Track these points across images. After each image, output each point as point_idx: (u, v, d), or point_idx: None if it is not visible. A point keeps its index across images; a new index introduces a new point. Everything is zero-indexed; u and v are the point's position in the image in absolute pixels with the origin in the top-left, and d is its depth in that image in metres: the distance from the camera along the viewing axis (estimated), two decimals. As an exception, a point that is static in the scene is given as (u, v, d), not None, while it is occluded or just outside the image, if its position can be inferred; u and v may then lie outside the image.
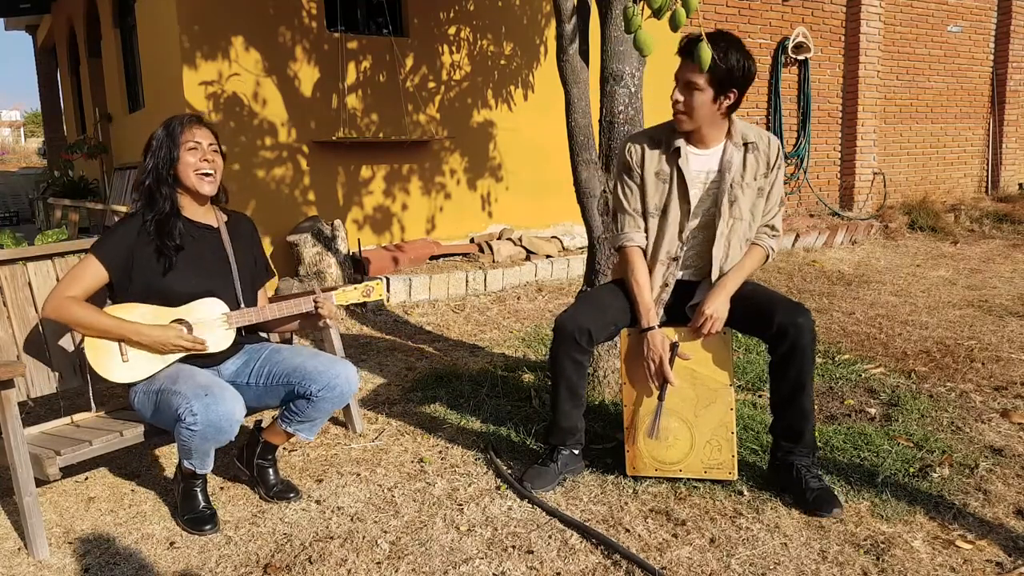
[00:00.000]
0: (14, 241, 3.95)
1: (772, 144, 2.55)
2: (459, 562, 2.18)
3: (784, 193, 2.60)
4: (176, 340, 2.37)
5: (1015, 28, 9.68)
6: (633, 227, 2.59)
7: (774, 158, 2.54)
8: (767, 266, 6.43)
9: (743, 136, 2.52)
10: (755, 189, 2.53)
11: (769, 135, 2.58)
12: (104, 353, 2.37)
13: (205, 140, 2.49)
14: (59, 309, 2.34)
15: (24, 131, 34.34)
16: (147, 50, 6.31)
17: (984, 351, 3.99)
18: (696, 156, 2.53)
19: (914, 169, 9.42)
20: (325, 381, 2.42)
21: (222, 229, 2.60)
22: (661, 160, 2.55)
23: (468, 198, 6.47)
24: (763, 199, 2.55)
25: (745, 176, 2.51)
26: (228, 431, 2.29)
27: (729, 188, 2.50)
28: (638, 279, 2.54)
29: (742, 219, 2.53)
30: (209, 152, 2.49)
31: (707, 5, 7.49)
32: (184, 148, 2.45)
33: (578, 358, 2.51)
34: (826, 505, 2.34)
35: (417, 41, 6.03)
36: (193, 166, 2.46)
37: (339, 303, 2.63)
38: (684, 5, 2.58)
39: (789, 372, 2.41)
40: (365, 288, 2.64)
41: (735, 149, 2.51)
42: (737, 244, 2.54)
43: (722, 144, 2.53)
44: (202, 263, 2.50)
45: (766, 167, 2.53)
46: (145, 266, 2.42)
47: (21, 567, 2.26)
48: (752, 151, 2.52)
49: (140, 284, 2.42)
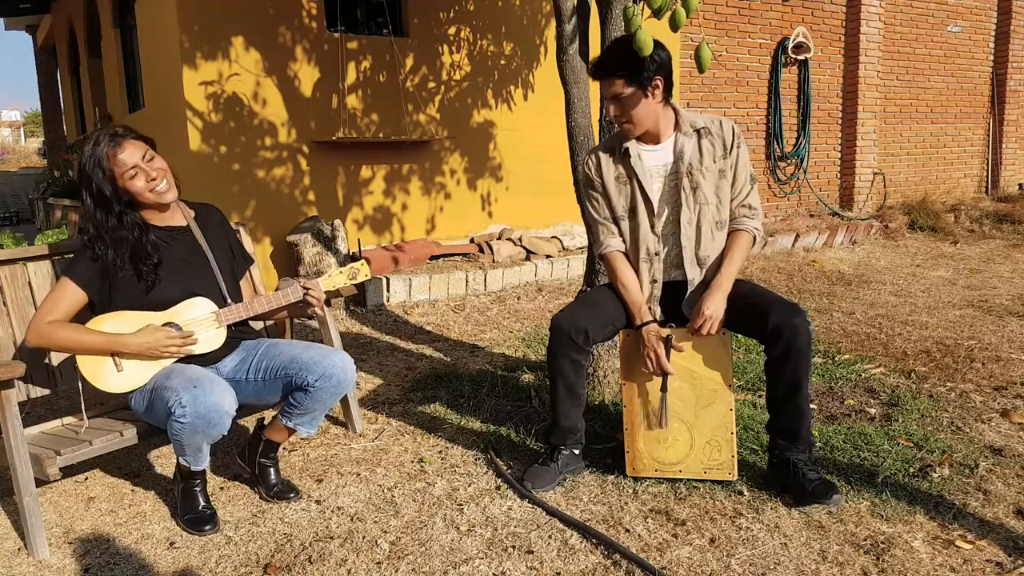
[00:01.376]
0: (14, 241, 3.96)
1: (725, 126, 2.58)
2: (459, 562, 2.18)
3: (752, 171, 2.62)
4: (166, 342, 2.34)
5: (1015, 28, 9.68)
6: (607, 234, 2.64)
7: (730, 139, 2.57)
8: (767, 266, 6.42)
9: (692, 124, 2.57)
10: (716, 172, 2.56)
11: (720, 118, 2.61)
12: (98, 365, 2.34)
13: (137, 157, 2.34)
14: (43, 336, 2.29)
15: (24, 131, 34.36)
16: (147, 50, 6.31)
17: (984, 351, 3.99)
18: (649, 153, 2.58)
19: (914, 169, 9.42)
20: (322, 371, 2.42)
21: (192, 226, 2.56)
22: (616, 165, 2.61)
23: (468, 198, 6.47)
24: (727, 180, 2.57)
25: (703, 161, 2.55)
26: (218, 423, 2.27)
27: (688, 174, 2.53)
28: (623, 282, 2.58)
29: (708, 203, 2.55)
30: (149, 166, 2.36)
31: (707, 5, 7.49)
32: (124, 179, 2.33)
33: (575, 357, 2.52)
34: (826, 492, 2.36)
35: (417, 41, 6.03)
36: (145, 188, 2.36)
37: (327, 288, 2.62)
38: (684, 5, 2.59)
39: (784, 372, 2.42)
40: (351, 270, 2.63)
41: (686, 138, 2.55)
42: (708, 229, 2.56)
43: (672, 136, 2.57)
44: (182, 267, 2.47)
45: (723, 149, 2.56)
46: (126, 289, 2.38)
47: (21, 567, 2.26)
48: (705, 136, 2.56)
49: (121, 298, 2.39)
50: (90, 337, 2.31)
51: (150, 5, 5.91)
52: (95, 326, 2.34)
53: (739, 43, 7.82)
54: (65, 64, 11.15)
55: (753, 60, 7.97)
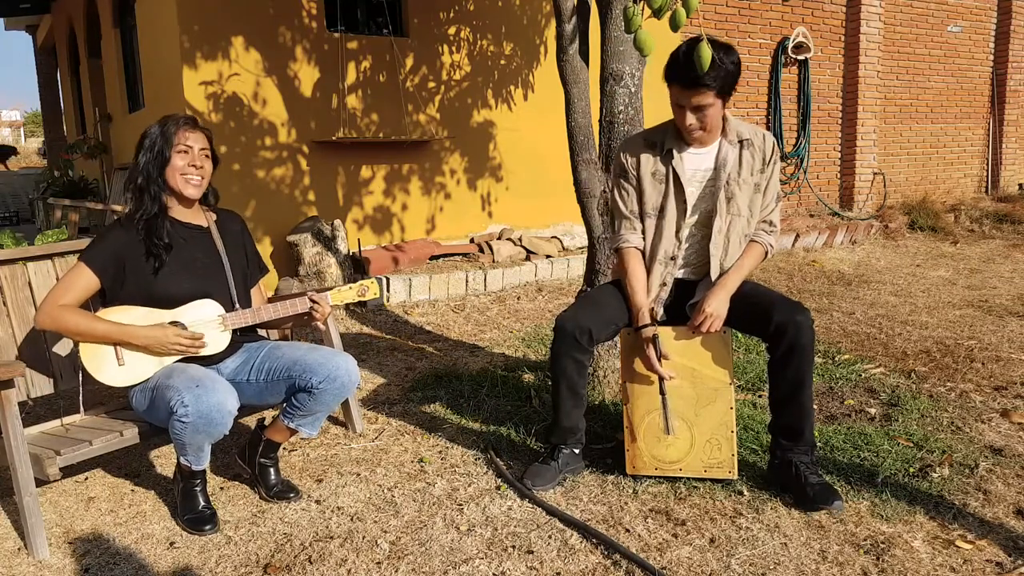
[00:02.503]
0: (14, 241, 3.96)
1: (767, 140, 2.56)
2: (459, 562, 2.18)
3: (780, 189, 2.61)
4: (173, 339, 2.36)
5: (1015, 28, 9.68)
6: (629, 229, 2.62)
7: (769, 153, 2.55)
8: (767, 266, 6.43)
9: (738, 133, 2.54)
10: (752, 185, 2.54)
11: (764, 131, 2.60)
12: (100, 357, 2.36)
13: (197, 144, 2.48)
14: (53, 318, 2.33)
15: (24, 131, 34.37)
16: (147, 50, 6.31)
17: (984, 351, 3.99)
18: (691, 155, 2.55)
19: (914, 169, 9.42)
20: (326, 373, 2.43)
21: (212, 229, 2.60)
22: (656, 161, 2.57)
23: (468, 198, 6.47)
24: (760, 195, 2.56)
25: (742, 172, 2.53)
26: (219, 423, 2.28)
27: (726, 185, 2.51)
28: (632, 281, 2.57)
29: (740, 215, 2.54)
30: (199, 156, 2.48)
31: (707, 5, 7.49)
32: (175, 150, 2.44)
33: (579, 357, 2.52)
34: (827, 498, 2.35)
35: (417, 41, 6.03)
36: (180, 169, 2.46)
37: (335, 303, 2.63)
38: (684, 5, 2.58)
39: (788, 371, 2.42)
40: (360, 288, 2.64)
41: (730, 147, 2.53)
42: (736, 240, 2.55)
43: (717, 142, 2.54)
44: (194, 265, 2.50)
45: (762, 163, 2.55)
46: (136, 269, 2.41)
47: (21, 567, 2.26)
48: (747, 147, 2.53)
49: (132, 288, 2.41)
50: (99, 324, 2.34)
51: (150, 5, 5.91)
52: (103, 317, 2.37)
53: (739, 43, 7.82)
54: (65, 64, 11.16)
55: (753, 60, 7.97)
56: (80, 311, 2.36)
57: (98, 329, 2.33)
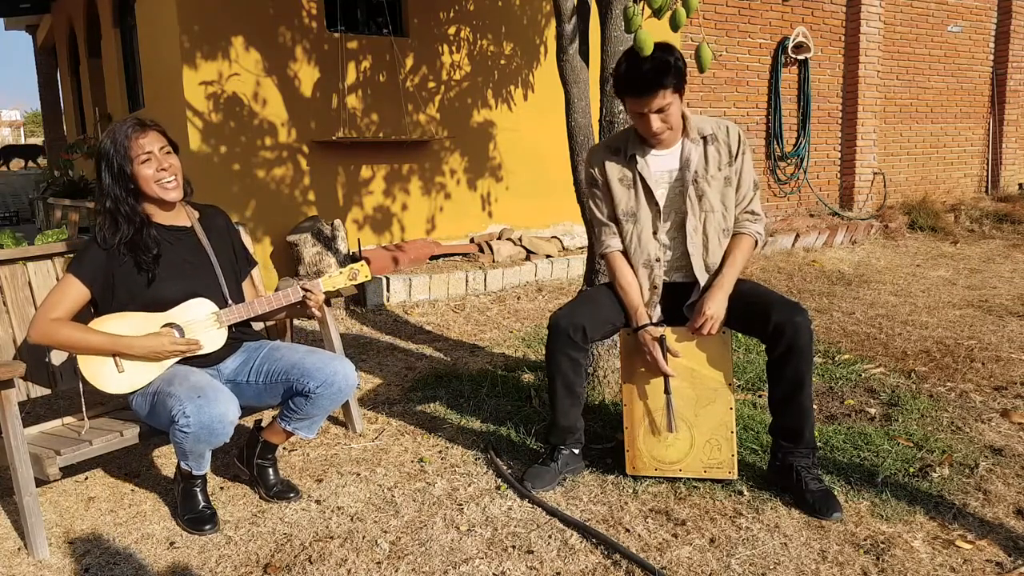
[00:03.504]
0: (14, 241, 3.95)
1: (732, 132, 2.56)
2: (459, 562, 2.18)
3: (756, 176, 2.61)
4: (170, 346, 2.36)
5: (1015, 28, 9.68)
6: (610, 235, 2.63)
7: (736, 146, 2.55)
8: (767, 266, 6.43)
9: (699, 130, 2.54)
10: (721, 180, 2.54)
11: (728, 123, 2.59)
12: (99, 365, 2.35)
13: (155, 145, 2.39)
14: (46, 333, 2.30)
15: (24, 131, 34.37)
16: (147, 50, 6.31)
17: (984, 351, 3.99)
18: (656, 157, 2.56)
19: (914, 169, 9.42)
20: (323, 377, 2.42)
21: (196, 227, 2.57)
22: (622, 167, 2.59)
23: (468, 198, 6.47)
24: (732, 188, 2.56)
25: (709, 168, 2.53)
26: (221, 433, 2.28)
27: (693, 183, 2.52)
28: (621, 283, 2.58)
29: (714, 211, 2.54)
30: (163, 157, 2.40)
31: (707, 5, 7.49)
32: (137, 162, 2.36)
33: (573, 355, 2.51)
34: (826, 509, 2.34)
35: (417, 41, 6.03)
36: (152, 178, 2.38)
37: (326, 289, 2.63)
38: (684, 5, 2.59)
39: (787, 371, 2.41)
40: (351, 271, 2.64)
41: (693, 145, 2.53)
42: (715, 236, 2.55)
43: (680, 141, 2.55)
44: (184, 267, 2.48)
45: (729, 156, 2.55)
46: (127, 281, 2.39)
47: (21, 567, 2.26)
48: (712, 143, 2.54)
49: (124, 296, 2.40)
50: (94, 337, 2.32)
51: (150, 5, 5.91)
52: (97, 326, 2.35)
53: (739, 43, 7.82)
54: (65, 64, 11.16)
55: (753, 60, 7.97)
56: (73, 324, 2.33)
57: (93, 342, 2.31)
